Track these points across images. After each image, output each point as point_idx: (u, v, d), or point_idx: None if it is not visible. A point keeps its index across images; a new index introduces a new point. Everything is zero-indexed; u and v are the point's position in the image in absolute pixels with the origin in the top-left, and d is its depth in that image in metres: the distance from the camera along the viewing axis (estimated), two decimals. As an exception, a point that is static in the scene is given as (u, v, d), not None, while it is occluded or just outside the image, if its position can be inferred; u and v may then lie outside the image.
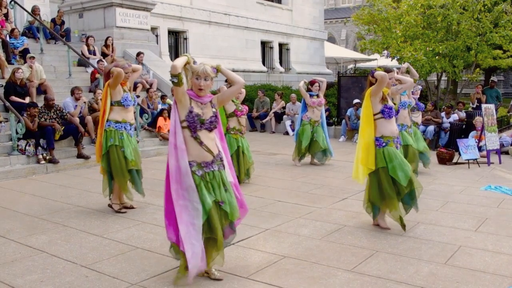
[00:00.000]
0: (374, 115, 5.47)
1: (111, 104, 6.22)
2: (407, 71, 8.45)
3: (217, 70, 4.06)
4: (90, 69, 13.25)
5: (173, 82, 3.91)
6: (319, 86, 9.88)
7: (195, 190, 3.95)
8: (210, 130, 4.05)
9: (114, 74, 6.08)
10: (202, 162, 4.02)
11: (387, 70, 5.57)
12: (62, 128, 9.43)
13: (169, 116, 12.18)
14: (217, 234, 3.96)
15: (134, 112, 6.75)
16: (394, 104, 5.76)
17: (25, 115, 9.07)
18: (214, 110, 4.10)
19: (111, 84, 6.15)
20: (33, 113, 9.08)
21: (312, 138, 9.73)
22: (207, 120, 4.01)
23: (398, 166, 5.37)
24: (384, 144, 5.43)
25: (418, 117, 9.34)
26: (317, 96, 9.84)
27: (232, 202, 4.12)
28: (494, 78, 17.09)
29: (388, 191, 5.39)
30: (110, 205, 6.41)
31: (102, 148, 6.23)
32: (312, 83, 9.82)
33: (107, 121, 6.22)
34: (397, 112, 5.66)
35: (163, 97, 13.33)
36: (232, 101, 7.67)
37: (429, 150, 8.68)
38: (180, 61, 3.92)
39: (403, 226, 5.46)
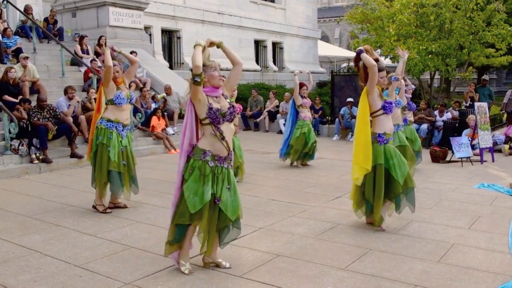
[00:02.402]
0: (374, 112, 5.44)
1: (106, 103, 6.20)
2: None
3: (218, 46, 4.15)
4: (83, 69, 13.20)
5: (195, 81, 3.92)
6: (306, 89, 9.82)
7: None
8: (231, 120, 4.16)
9: (104, 70, 6.07)
10: (217, 156, 4.10)
11: (379, 69, 5.44)
12: (55, 128, 9.39)
13: (163, 115, 12.18)
14: (203, 223, 4.11)
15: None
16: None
17: (16, 112, 9.06)
18: (228, 100, 4.17)
19: (103, 82, 6.14)
20: (26, 108, 9.08)
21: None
22: (227, 112, 4.08)
23: (397, 164, 5.39)
24: (385, 141, 5.42)
25: (409, 117, 9.35)
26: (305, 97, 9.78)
27: (234, 201, 4.20)
28: (485, 76, 17.11)
29: (380, 190, 5.37)
30: (94, 207, 6.35)
31: (92, 145, 6.23)
32: (301, 86, 9.72)
33: (100, 118, 6.21)
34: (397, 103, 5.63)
35: (153, 96, 13.27)
36: None
37: (421, 149, 8.73)
38: (200, 58, 3.91)
39: (379, 223, 5.53)
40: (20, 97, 9.98)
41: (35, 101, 9.77)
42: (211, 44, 4.14)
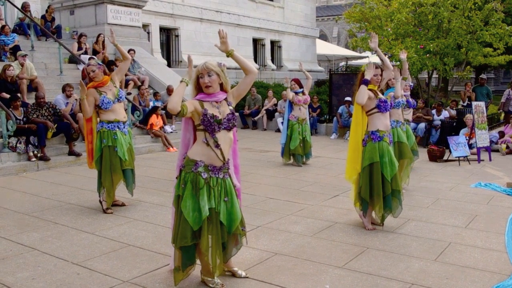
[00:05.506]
0: (369, 110, 5.46)
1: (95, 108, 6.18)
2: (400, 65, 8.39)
3: (228, 55, 3.82)
4: (81, 66, 13.17)
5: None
6: (295, 83, 9.67)
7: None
8: (229, 129, 3.79)
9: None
10: (210, 165, 3.75)
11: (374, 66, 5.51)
12: (55, 126, 9.37)
13: (161, 114, 12.18)
14: (202, 243, 3.73)
15: (126, 110, 6.64)
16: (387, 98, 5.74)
17: (11, 108, 9.09)
18: (231, 107, 3.82)
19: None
20: (15, 106, 9.11)
21: (303, 138, 9.57)
22: (224, 118, 3.73)
23: (388, 163, 5.40)
24: (379, 138, 5.42)
25: (408, 114, 9.35)
26: (303, 93, 9.68)
27: (232, 213, 3.84)
28: (483, 75, 17.13)
29: (377, 188, 5.39)
30: (100, 202, 6.31)
31: (95, 151, 6.16)
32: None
33: (100, 122, 6.17)
34: (390, 105, 5.64)
35: (156, 94, 13.32)
36: None
37: (417, 148, 8.74)
38: (176, 99, 3.53)
39: (382, 224, 5.57)
40: (17, 94, 9.96)
41: (33, 99, 9.76)
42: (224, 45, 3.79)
